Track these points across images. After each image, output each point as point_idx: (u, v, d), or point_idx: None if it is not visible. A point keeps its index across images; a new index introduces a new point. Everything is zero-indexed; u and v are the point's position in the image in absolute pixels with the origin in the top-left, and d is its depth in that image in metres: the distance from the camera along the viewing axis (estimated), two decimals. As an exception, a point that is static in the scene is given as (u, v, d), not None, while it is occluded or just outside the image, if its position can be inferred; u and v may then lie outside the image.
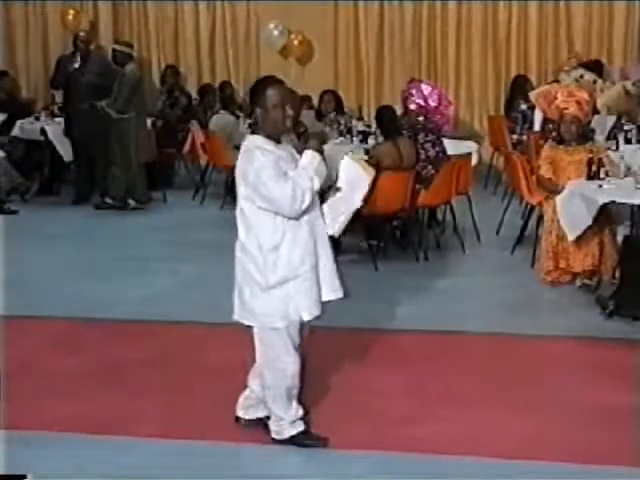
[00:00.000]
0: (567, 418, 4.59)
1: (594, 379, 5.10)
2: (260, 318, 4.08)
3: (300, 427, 4.27)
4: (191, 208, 9.91)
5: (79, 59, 9.97)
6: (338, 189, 4.17)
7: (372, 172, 4.28)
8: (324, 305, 4.16)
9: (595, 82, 9.96)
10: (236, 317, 4.17)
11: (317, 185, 3.99)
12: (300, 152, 4.09)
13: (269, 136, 4.03)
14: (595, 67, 10.47)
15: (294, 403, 4.27)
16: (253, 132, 4.14)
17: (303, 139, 4.25)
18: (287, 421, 4.24)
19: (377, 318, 6.13)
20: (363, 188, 4.19)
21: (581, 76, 10.14)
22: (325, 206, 4.18)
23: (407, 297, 6.61)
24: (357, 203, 4.20)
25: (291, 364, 4.14)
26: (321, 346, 5.61)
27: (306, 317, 4.09)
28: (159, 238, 8.49)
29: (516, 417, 4.58)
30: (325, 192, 4.19)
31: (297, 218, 3.99)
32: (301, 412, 4.30)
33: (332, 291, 4.19)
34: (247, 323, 4.15)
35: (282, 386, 4.18)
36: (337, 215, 4.17)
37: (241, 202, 4.03)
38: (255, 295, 4.06)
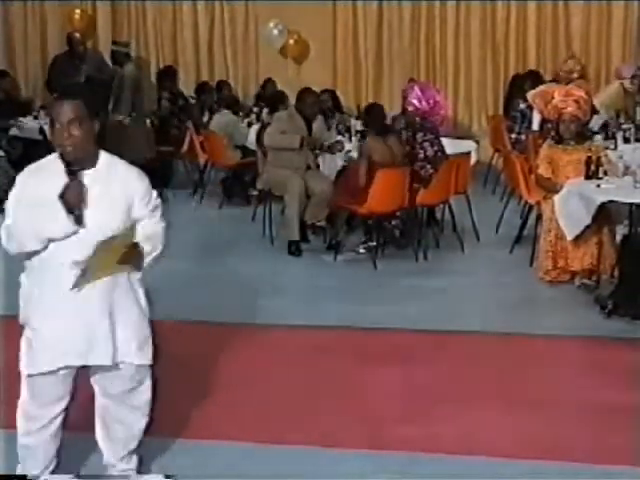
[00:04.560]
0: (566, 417, 4.59)
1: (593, 378, 5.10)
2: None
3: None
4: (190, 207, 9.90)
5: (83, 75, 9.96)
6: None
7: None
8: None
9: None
10: None
11: (31, 246, 3.51)
12: None
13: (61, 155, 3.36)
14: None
15: None
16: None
17: None
18: None
19: (376, 318, 6.13)
20: None
21: None
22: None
23: (406, 297, 6.61)
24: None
25: (35, 423, 3.71)
26: (320, 346, 5.63)
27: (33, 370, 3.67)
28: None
29: (515, 417, 4.58)
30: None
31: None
32: None
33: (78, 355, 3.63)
34: None
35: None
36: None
37: None
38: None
